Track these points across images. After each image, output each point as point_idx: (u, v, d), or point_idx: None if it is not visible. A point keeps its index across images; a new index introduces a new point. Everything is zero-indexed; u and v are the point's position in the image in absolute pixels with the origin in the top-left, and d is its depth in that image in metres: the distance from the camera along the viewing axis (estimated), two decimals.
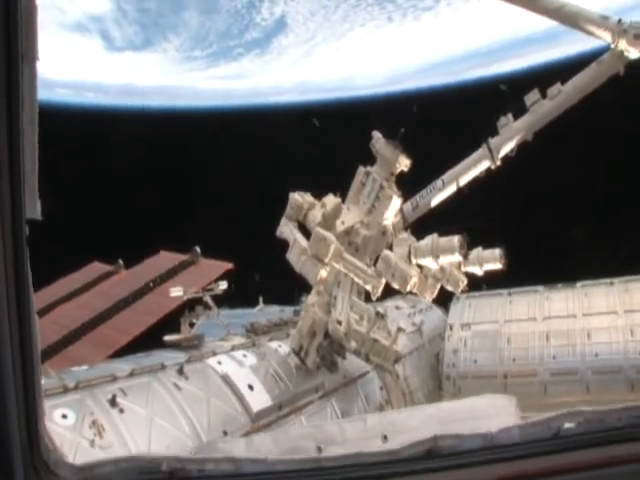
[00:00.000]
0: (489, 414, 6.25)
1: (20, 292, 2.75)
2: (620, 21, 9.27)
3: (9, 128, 2.56)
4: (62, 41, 35.90)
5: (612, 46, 9.34)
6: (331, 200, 10.48)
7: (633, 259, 14.90)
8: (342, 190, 10.69)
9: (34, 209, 2.85)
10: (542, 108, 9.92)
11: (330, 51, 40.86)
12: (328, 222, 10.15)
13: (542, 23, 10.20)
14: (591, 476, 2.99)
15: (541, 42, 33.14)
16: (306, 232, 10.28)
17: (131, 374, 7.70)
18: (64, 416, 6.44)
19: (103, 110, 38.46)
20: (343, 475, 3.30)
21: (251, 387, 8.76)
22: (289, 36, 40.12)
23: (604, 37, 9.41)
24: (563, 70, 10.44)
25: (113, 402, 6.98)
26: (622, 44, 9.20)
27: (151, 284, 15.86)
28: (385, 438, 6.10)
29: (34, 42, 2.67)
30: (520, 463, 3.12)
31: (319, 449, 5.99)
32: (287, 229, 10.57)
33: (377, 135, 10.51)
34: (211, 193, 32.40)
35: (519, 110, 10.10)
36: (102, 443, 6.40)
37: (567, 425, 3.31)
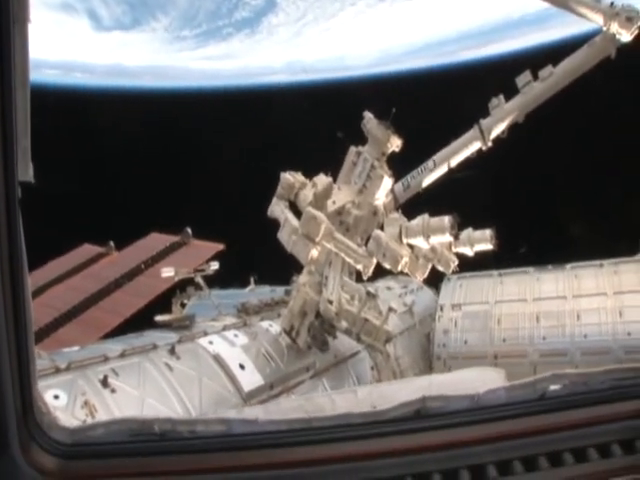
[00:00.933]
0: (478, 386, 6.28)
1: (13, 254, 2.75)
2: (612, 4, 9.26)
3: (0, 90, 2.54)
4: (49, 20, 35.44)
5: (604, 29, 9.33)
6: (322, 180, 10.47)
7: (623, 241, 14.97)
8: (333, 170, 10.68)
9: (26, 172, 2.84)
10: (533, 90, 9.91)
11: (321, 31, 40.60)
12: (319, 202, 10.16)
13: (534, 5, 10.16)
14: (575, 434, 3.07)
15: (534, 24, 33.09)
16: (297, 212, 10.28)
17: (122, 354, 7.71)
18: (56, 397, 6.45)
19: (92, 90, 38.10)
20: (332, 435, 3.35)
21: (242, 367, 8.79)
22: (279, 15, 39.82)
23: (596, 20, 9.40)
24: (556, 52, 10.42)
25: (105, 382, 6.99)
26: (614, 27, 9.19)
27: (142, 266, 15.86)
28: (375, 409, 6.15)
29: (25, 3, 2.65)
30: (507, 423, 3.19)
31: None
32: (278, 208, 10.57)
33: (369, 115, 10.49)
34: (202, 174, 32.30)
35: (511, 91, 10.08)
36: None
37: (552, 387, 3.36)
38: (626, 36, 9.21)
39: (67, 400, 6.50)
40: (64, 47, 38.22)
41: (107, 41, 40.18)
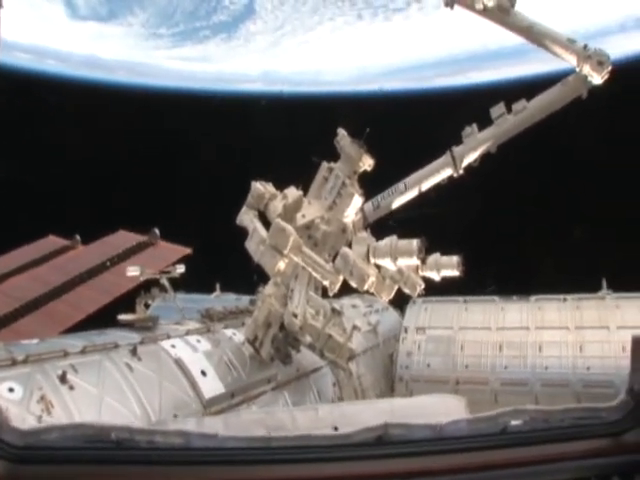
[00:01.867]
0: (440, 412, 6.31)
1: None
2: (586, 47, 9.50)
3: None
4: (21, 1, 35.00)
5: (577, 69, 9.58)
6: (293, 192, 10.51)
7: (586, 276, 15.26)
8: (304, 183, 10.74)
9: None
10: (506, 122, 10.09)
11: (298, 43, 40.66)
12: (289, 214, 10.18)
13: (512, 38, 10.37)
14: (534, 471, 3.09)
15: (511, 57, 33.56)
16: (266, 222, 10.31)
17: (83, 351, 7.62)
18: (11, 389, 6.34)
19: (64, 79, 37.59)
20: (291, 456, 3.31)
21: (204, 373, 8.76)
22: (257, 23, 39.90)
23: (570, 60, 9.64)
24: (531, 86, 10.64)
25: (63, 378, 6.89)
26: (586, 69, 9.44)
27: (108, 262, 15.73)
28: (336, 429, 6.15)
29: None
30: (468, 455, 3.19)
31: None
32: (247, 217, 10.58)
33: (342, 132, 10.56)
34: (173, 175, 32.16)
35: (485, 121, 10.26)
36: (50, 419, 6.31)
37: (514, 422, 3.39)
38: (597, 79, 9.47)
39: (22, 394, 6.38)
40: (37, 31, 37.75)
41: (82, 30, 39.77)
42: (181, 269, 11.60)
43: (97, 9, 39.31)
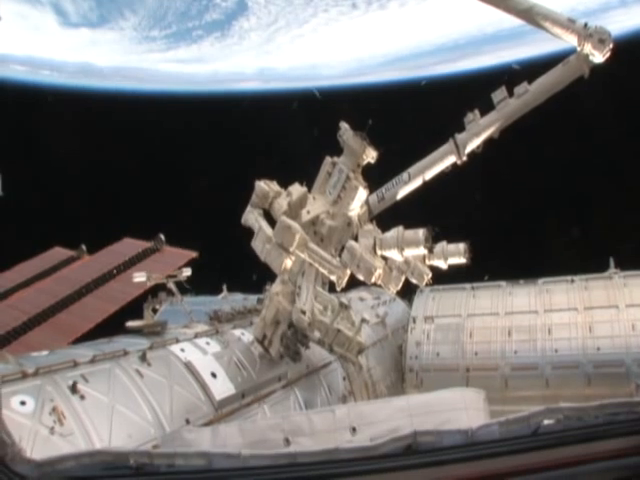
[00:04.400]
0: (458, 407, 6.25)
1: None
2: (586, 25, 9.42)
3: None
4: (11, 12, 34.63)
5: (578, 49, 9.49)
6: (297, 189, 10.45)
7: (594, 257, 15.20)
8: (308, 179, 10.68)
9: None
10: (509, 106, 10.02)
11: (293, 37, 40.30)
12: (294, 211, 10.13)
13: (509, 20, 10.27)
14: (570, 473, 2.99)
15: (509, 39, 33.35)
16: (271, 220, 10.26)
17: (92, 360, 7.59)
18: (22, 403, 6.31)
19: (60, 89, 37.44)
20: (318, 472, 3.22)
21: (214, 375, 8.73)
22: (250, 19, 39.41)
23: (570, 40, 9.55)
24: (532, 69, 10.56)
25: (74, 388, 6.87)
26: (587, 48, 9.36)
27: (114, 271, 15.70)
28: (354, 430, 6.09)
29: None
30: (501, 460, 3.10)
31: (287, 440, 5.97)
32: (252, 217, 10.52)
33: (345, 126, 10.50)
34: (176, 180, 32.14)
35: (487, 106, 10.18)
36: (62, 431, 6.30)
37: (546, 422, 3.29)
38: (599, 57, 9.39)
39: (34, 406, 6.34)
40: (30, 42, 37.47)
41: (75, 38, 39.42)
42: (187, 272, 11.58)
43: (88, 15, 38.92)
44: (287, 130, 30.38)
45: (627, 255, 15.15)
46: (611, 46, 9.35)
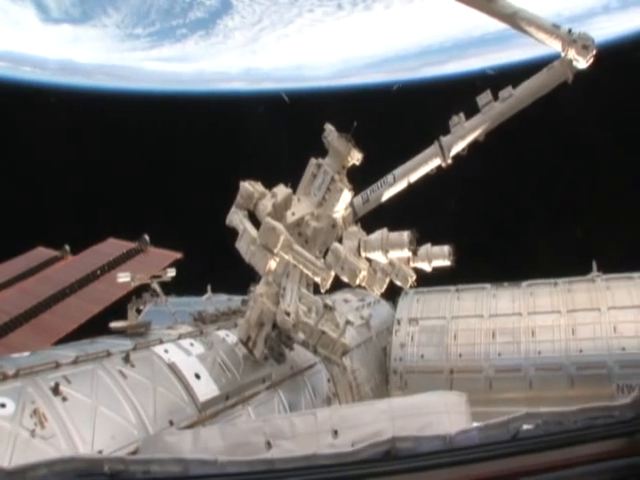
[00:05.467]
0: (440, 410, 6.25)
1: None
2: (570, 31, 9.52)
3: None
4: None
5: (562, 54, 9.58)
6: (282, 190, 10.44)
7: (578, 260, 15.33)
8: (293, 181, 10.68)
9: None
10: (493, 110, 10.09)
11: (278, 37, 40.06)
12: (278, 212, 10.12)
13: (495, 24, 10.35)
14: (549, 478, 2.98)
15: (495, 43, 33.47)
16: (256, 221, 10.24)
17: (75, 361, 7.52)
18: (3, 405, 6.23)
19: (42, 86, 36.97)
20: (296, 478, 3.19)
21: (198, 376, 8.70)
22: (235, 18, 39.05)
23: (554, 45, 9.66)
24: (517, 73, 10.64)
25: (56, 390, 6.79)
26: (571, 53, 9.46)
27: (98, 271, 15.61)
28: (336, 433, 6.08)
29: None
30: (479, 466, 3.07)
31: (268, 444, 5.95)
32: (237, 218, 10.49)
33: (330, 127, 10.51)
34: (161, 180, 32.02)
35: (472, 110, 10.25)
36: (43, 433, 6.24)
37: (525, 427, 3.28)
38: (582, 63, 9.49)
39: (15, 409, 6.26)
40: (10, 37, 36.90)
41: (56, 34, 38.88)
42: (172, 273, 11.53)
43: (70, 11, 38.28)
44: (272, 131, 30.36)
45: (610, 258, 15.28)
46: (594, 52, 9.45)
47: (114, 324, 9.58)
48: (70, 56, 39.21)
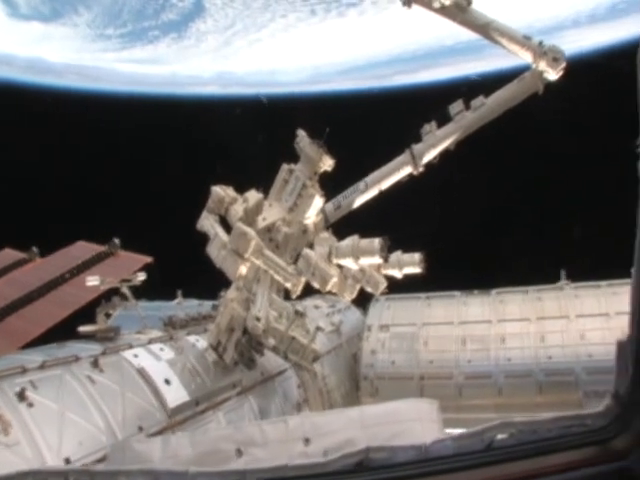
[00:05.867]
0: (412, 418, 6.25)
1: None
2: (541, 43, 9.67)
3: None
4: None
5: (533, 66, 9.73)
6: (253, 195, 10.44)
7: (546, 269, 15.51)
8: (265, 186, 10.68)
9: None
10: (465, 119, 10.19)
11: (250, 42, 39.79)
12: (249, 217, 10.12)
13: (467, 33, 10.46)
14: None
15: (467, 52, 33.70)
16: (227, 226, 10.22)
17: (42, 366, 7.41)
18: None
19: (9, 84, 36.30)
20: None
21: (168, 382, 8.66)
22: (207, 21, 38.61)
23: (526, 57, 9.80)
24: (490, 82, 10.75)
25: (22, 396, 6.67)
26: (542, 65, 9.60)
27: (67, 275, 15.43)
28: (307, 441, 6.05)
29: None
30: (454, 476, 3.06)
31: (239, 451, 5.91)
32: (208, 222, 10.47)
33: (302, 133, 10.53)
34: (131, 183, 31.77)
35: (443, 118, 10.33)
36: (7, 441, 6.12)
37: (500, 436, 3.27)
38: (552, 75, 9.64)
39: None
40: None
41: (25, 31, 38.05)
42: (142, 277, 11.45)
43: (39, 8, 37.32)
44: (244, 136, 30.30)
45: (580, 267, 15.49)
46: (564, 64, 9.60)
47: (83, 328, 9.50)
48: (39, 54, 38.51)
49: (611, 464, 2.96)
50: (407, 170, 10.52)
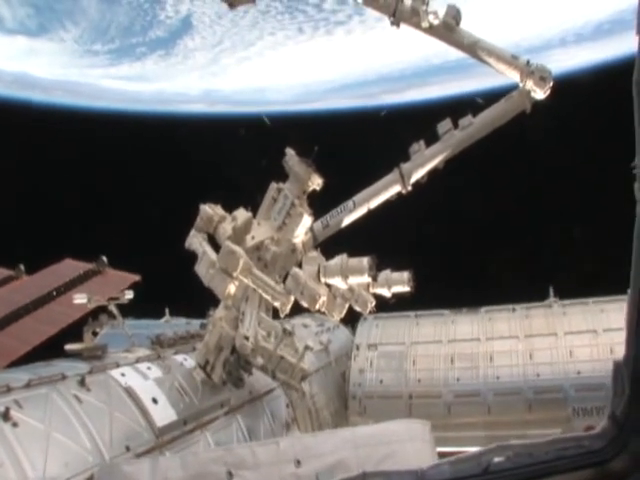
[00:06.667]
0: (403, 439, 6.22)
1: None
2: (528, 62, 9.76)
3: None
4: None
5: (520, 85, 9.81)
6: (242, 214, 10.44)
7: (533, 286, 15.58)
8: (253, 205, 10.69)
9: None
10: (453, 138, 10.24)
11: (238, 60, 39.72)
12: (238, 236, 10.11)
13: (455, 52, 10.55)
14: None
15: (454, 72, 33.91)
16: (215, 245, 10.21)
17: (28, 385, 7.29)
18: None
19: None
20: None
21: (155, 401, 8.57)
22: (195, 39, 38.53)
23: (513, 76, 9.89)
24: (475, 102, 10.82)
25: (6, 415, 6.53)
26: (529, 84, 9.69)
27: (54, 292, 15.33)
28: (298, 462, 6.01)
29: None
30: None
31: (230, 474, 5.86)
32: (196, 241, 10.45)
33: (290, 152, 10.57)
34: (119, 201, 31.69)
35: (432, 138, 10.38)
36: None
37: (497, 459, 3.24)
38: (540, 94, 9.73)
39: None
40: None
41: (10, 46, 37.84)
42: (130, 295, 11.39)
43: (25, 22, 37.12)
44: (232, 154, 30.32)
45: (568, 284, 15.57)
46: (551, 83, 9.70)
47: (69, 347, 9.43)
48: (25, 69, 38.26)
49: None
50: (396, 189, 10.55)
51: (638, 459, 2.93)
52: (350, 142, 29.92)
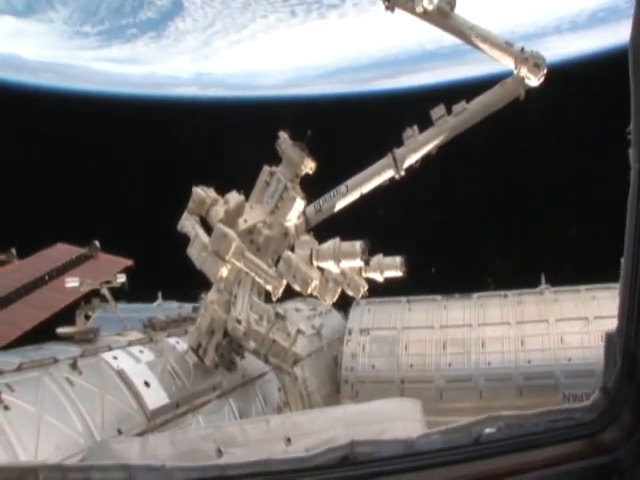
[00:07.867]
0: (394, 417, 6.25)
1: None
2: (523, 49, 9.75)
3: None
4: None
5: (514, 72, 9.80)
6: (234, 197, 10.43)
7: (526, 273, 15.63)
8: (246, 188, 10.66)
9: None
10: (447, 123, 10.22)
11: (230, 43, 39.06)
12: (230, 219, 10.09)
13: (450, 38, 10.51)
14: None
15: (448, 58, 33.74)
16: (208, 228, 10.18)
17: (19, 368, 7.30)
18: None
19: None
20: None
21: (147, 384, 8.58)
22: (186, 20, 37.59)
23: (507, 63, 9.87)
24: (471, 87, 10.81)
25: None
26: (523, 71, 9.68)
27: (46, 277, 15.27)
28: (289, 440, 6.03)
29: None
30: (441, 471, 3.03)
31: (219, 451, 5.87)
32: (189, 224, 10.42)
33: (284, 136, 10.54)
34: (111, 185, 31.52)
35: (425, 123, 10.36)
36: None
37: (488, 430, 3.25)
38: (534, 81, 9.72)
39: None
40: None
41: None
42: (122, 279, 11.38)
43: (13, 2, 36.34)
44: (225, 138, 30.19)
45: (561, 271, 15.63)
46: (545, 71, 9.69)
47: (61, 330, 9.42)
48: (13, 50, 37.58)
49: (599, 458, 2.97)
50: (389, 174, 10.53)
51: (628, 431, 2.95)
52: (344, 126, 29.81)
